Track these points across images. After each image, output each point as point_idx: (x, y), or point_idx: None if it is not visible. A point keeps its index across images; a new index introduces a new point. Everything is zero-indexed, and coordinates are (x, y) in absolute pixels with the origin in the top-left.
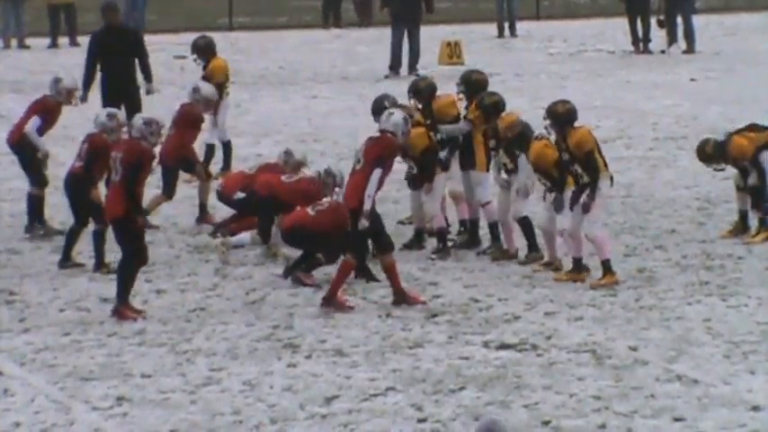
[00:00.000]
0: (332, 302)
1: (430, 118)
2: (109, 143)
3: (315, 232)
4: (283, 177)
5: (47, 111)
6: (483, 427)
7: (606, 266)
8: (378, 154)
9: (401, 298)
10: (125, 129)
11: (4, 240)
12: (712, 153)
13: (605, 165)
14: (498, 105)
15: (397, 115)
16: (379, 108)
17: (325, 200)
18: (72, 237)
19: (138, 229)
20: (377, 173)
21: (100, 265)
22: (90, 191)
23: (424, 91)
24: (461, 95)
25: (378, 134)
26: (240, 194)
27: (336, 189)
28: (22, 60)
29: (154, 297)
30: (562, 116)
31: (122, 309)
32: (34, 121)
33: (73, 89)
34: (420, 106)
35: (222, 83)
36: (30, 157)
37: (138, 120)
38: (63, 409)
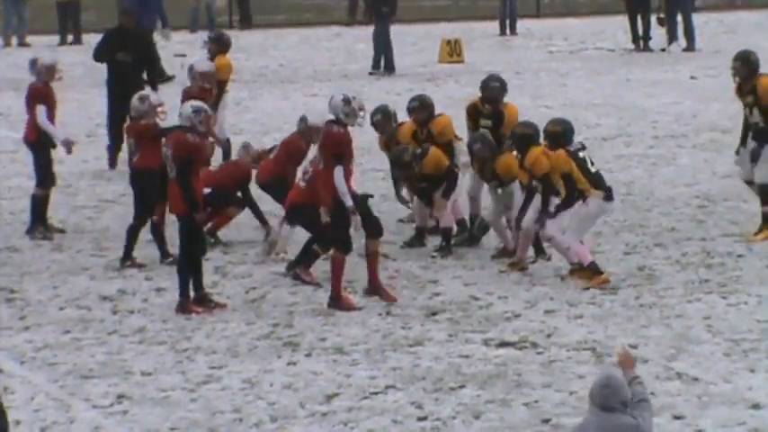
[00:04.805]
0: (338, 304)
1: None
2: (150, 126)
3: (307, 205)
4: (271, 156)
5: (41, 96)
6: (600, 382)
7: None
8: (331, 152)
9: (375, 290)
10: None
11: (4, 238)
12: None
13: (595, 185)
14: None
15: (336, 97)
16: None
17: (310, 168)
18: (133, 234)
19: (198, 225)
20: (339, 170)
21: (164, 255)
22: (156, 184)
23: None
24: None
25: (328, 126)
26: (207, 190)
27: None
28: (22, 58)
29: (154, 295)
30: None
31: (186, 304)
32: (42, 111)
33: (51, 64)
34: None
35: (225, 80)
36: (41, 156)
37: (186, 108)
38: (63, 407)
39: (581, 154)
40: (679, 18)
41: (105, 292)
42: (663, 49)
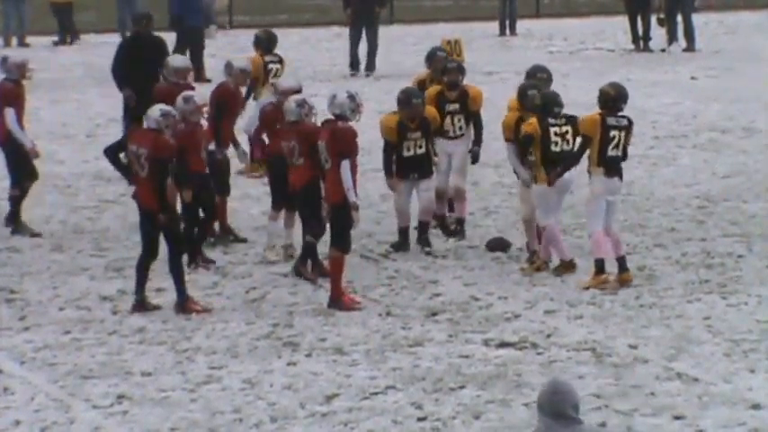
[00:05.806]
0: (338, 304)
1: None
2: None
3: (308, 186)
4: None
5: (10, 96)
6: (548, 390)
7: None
8: (339, 148)
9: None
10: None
11: (4, 238)
12: None
13: (600, 163)
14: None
15: (340, 95)
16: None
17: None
18: (201, 237)
19: (162, 224)
20: (346, 164)
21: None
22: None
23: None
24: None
25: (332, 123)
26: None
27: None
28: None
29: (154, 295)
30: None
31: (186, 303)
32: (11, 115)
33: (21, 62)
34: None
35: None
36: (13, 156)
37: (154, 111)
38: (63, 407)
39: (612, 133)
40: (679, 18)
41: (105, 293)
42: (663, 50)
